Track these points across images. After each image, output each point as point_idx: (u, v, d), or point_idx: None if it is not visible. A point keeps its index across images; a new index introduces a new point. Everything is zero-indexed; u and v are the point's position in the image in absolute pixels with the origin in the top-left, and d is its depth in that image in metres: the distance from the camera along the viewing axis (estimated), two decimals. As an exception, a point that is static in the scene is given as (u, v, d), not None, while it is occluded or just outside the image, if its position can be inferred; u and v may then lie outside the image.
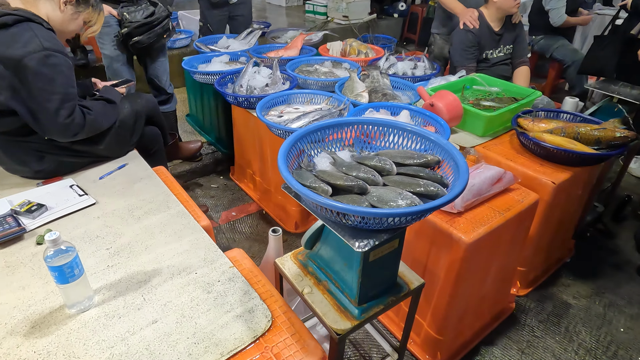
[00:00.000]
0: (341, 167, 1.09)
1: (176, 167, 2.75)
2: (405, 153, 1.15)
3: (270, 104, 2.14)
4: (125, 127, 1.73)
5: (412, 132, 1.20)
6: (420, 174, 1.05)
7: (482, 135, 2.03)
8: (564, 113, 2.03)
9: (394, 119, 1.82)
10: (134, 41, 2.24)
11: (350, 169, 1.06)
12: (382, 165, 1.07)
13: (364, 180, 1.02)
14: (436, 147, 1.15)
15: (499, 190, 1.60)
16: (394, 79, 2.45)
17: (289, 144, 1.08)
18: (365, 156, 1.13)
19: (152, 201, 1.50)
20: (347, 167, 1.07)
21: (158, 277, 1.18)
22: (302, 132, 1.14)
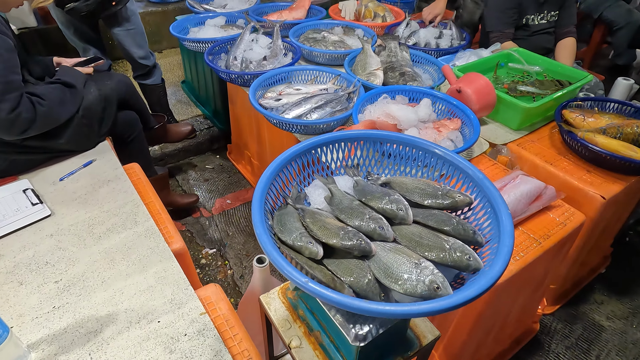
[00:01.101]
0: (339, 208, 0.82)
1: (167, 144, 2.49)
2: (425, 186, 0.86)
3: (267, 83, 1.83)
4: (91, 116, 1.45)
5: (436, 156, 0.91)
6: (445, 226, 0.77)
7: (517, 129, 1.71)
8: (616, 103, 1.68)
9: (411, 110, 1.50)
10: (68, 8, 1.87)
11: (351, 215, 0.79)
12: (394, 210, 0.79)
13: (368, 234, 0.75)
14: (467, 178, 0.87)
15: (537, 210, 1.31)
16: (415, 52, 2.08)
17: (267, 179, 0.80)
18: (372, 191, 0.85)
19: (117, 213, 1.26)
20: (346, 212, 0.80)
21: (112, 327, 0.96)
22: (288, 155, 0.86)
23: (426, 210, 0.82)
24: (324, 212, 0.84)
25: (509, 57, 2.03)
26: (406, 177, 0.93)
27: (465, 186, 0.88)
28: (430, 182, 0.89)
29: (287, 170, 0.87)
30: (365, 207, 0.81)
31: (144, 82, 2.32)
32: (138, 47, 2.18)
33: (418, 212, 0.81)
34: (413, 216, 0.80)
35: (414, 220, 0.80)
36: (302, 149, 0.87)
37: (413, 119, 1.48)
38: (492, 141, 1.65)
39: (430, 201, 0.82)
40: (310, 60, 2.18)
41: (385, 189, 0.86)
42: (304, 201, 0.89)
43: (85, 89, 1.45)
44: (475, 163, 1.52)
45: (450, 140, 1.51)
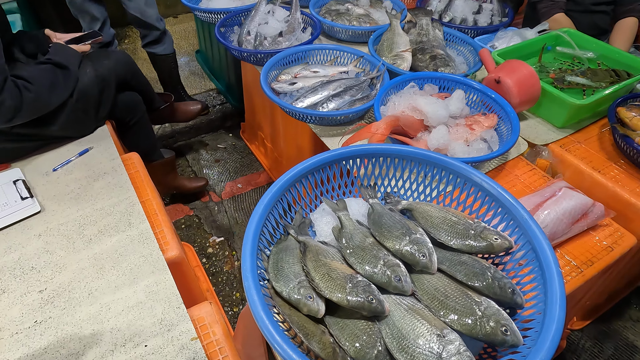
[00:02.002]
0: (349, 247, 0.68)
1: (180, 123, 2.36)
2: (454, 221, 0.71)
3: (282, 63, 1.66)
4: (87, 100, 1.33)
5: (470, 182, 0.75)
6: (477, 281, 0.63)
7: (562, 127, 1.50)
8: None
9: (441, 104, 1.32)
10: None
11: (363, 258, 0.65)
12: (414, 256, 0.65)
13: (382, 285, 0.62)
14: (507, 215, 0.71)
15: (580, 231, 1.14)
16: (449, 30, 1.85)
17: (264, 209, 0.67)
18: (390, 225, 0.71)
19: (111, 212, 1.16)
20: (357, 254, 0.66)
21: (95, 349, 0.88)
22: (290, 177, 0.72)
23: (453, 254, 0.68)
24: (331, 248, 0.70)
25: (557, 40, 1.78)
26: (431, 204, 0.78)
27: (504, 223, 0.72)
28: (461, 214, 0.74)
29: (291, 193, 0.73)
30: (381, 248, 0.67)
31: (154, 51, 2.17)
32: (148, 5, 2.01)
33: (444, 257, 0.67)
34: (439, 262, 0.65)
35: (440, 267, 0.65)
36: (307, 168, 0.73)
37: (443, 115, 1.30)
38: (532, 140, 1.45)
39: (460, 242, 0.67)
40: (332, 36, 1.98)
41: (405, 222, 0.72)
42: (308, 228, 0.75)
43: (80, 69, 1.32)
44: (511, 168, 1.35)
45: (484, 140, 1.33)
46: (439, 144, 1.26)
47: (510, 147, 1.25)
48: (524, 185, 1.29)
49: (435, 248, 0.69)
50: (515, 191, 1.27)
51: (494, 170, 1.34)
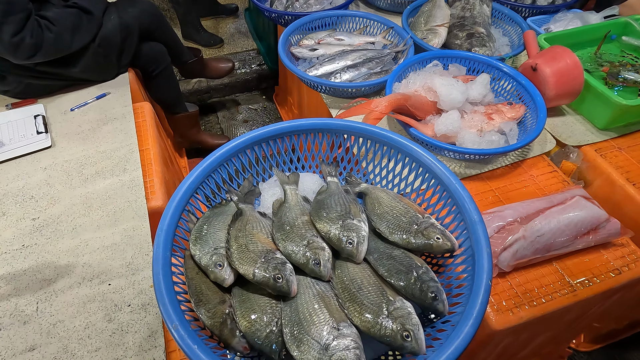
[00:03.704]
0: (279, 222, 0.66)
1: (216, 79, 2.40)
2: (402, 212, 0.66)
3: (308, 28, 1.60)
4: (109, 46, 1.38)
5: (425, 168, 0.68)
6: (398, 280, 0.58)
7: (603, 129, 1.32)
8: None
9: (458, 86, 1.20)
10: None
11: (287, 236, 0.63)
12: (341, 241, 0.61)
13: (300, 266, 0.59)
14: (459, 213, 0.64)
15: (587, 246, 1.01)
16: (498, 6, 1.66)
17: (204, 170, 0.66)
18: (332, 206, 0.67)
19: (111, 156, 1.22)
20: (283, 230, 0.64)
21: (66, 279, 0.95)
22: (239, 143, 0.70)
23: (388, 246, 0.63)
24: (266, 220, 0.68)
25: (625, 27, 1.54)
26: (387, 191, 0.72)
27: (455, 223, 0.65)
28: (413, 206, 0.68)
29: (240, 159, 0.72)
30: (311, 229, 0.64)
31: None
32: None
33: (376, 248, 0.62)
34: (368, 253, 0.61)
35: (369, 257, 0.61)
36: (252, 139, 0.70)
37: (457, 99, 1.19)
38: (563, 139, 1.30)
39: (399, 236, 0.62)
40: (371, 4, 1.87)
41: (350, 206, 0.67)
42: (255, 200, 0.74)
43: (105, 15, 1.37)
44: (528, 166, 1.22)
45: (501, 133, 1.20)
46: (447, 130, 1.16)
47: (526, 143, 1.13)
48: (537, 187, 1.17)
49: (374, 238, 0.64)
50: (523, 193, 1.15)
51: (508, 167, 1.22)
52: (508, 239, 0.96)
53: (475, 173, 1.20)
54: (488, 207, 1.13)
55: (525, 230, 0.97)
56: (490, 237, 0.99)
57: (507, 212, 1.02)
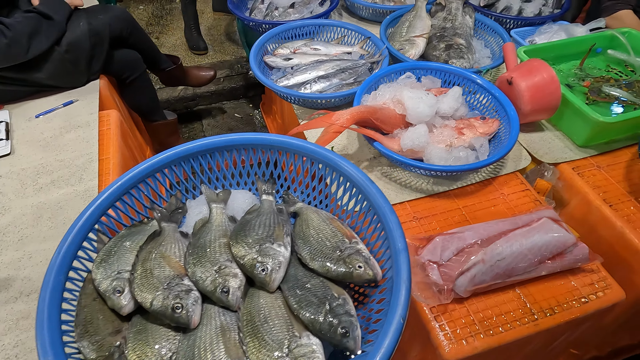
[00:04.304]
0: (197, 241, 0.62)
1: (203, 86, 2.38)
2: (329, 236, 0.62)
3: (284, 37, 1.57)
4: (77, 52, 1.36)
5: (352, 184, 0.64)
6: (308, 313, 0.53)
7: (583, 146, 1.26)
8: None
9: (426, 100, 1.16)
10: None
11: (199, 260, 0.59)
12: (254, 268, 0.57)
13: (207, 293, 0.55)
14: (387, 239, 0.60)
15: (552, 271, 0.96)
16: (482, 18, 1.62)
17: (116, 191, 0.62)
18: (255, 227, 0.63)
19: (69, 165, 1.19)
20: (197, 253, 0.60)
21: (3, 293, 0.92)
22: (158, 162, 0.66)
23: (307, 274, 0.58)
24: (184, 243, 0.64)
25: (610, 41, 1.49)
26: (319, 212, 0.68)
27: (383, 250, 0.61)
28: (343, 229, 0.64)
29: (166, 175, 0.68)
30: (226, 252, 0.60)
31: None
32: None
33: (294, 275, 0.58)
34: (284, 280, 0.57)
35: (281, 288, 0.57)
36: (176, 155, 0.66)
37: (425, 113, 1.15)
38: (539, 156, 1.24)
39: (319, 263, 0.58)
40: (354, 13, 1.84)
41: (276, 228, 0.63)
42: (181, 218, 0.70)
43: (73, 22, 1.35)
44: (500, 184, 1.17)
45: (472, 149, 1.15)
46: (413, 145, 1.12)
47: (495, 160, 1.08)
48: (507, 207, 1.12)
49: (295, 264, 0.60)
50: (492, 212, 1.10)
51: (479, 184, 1.17)
52: (466, 263, 0.91)
53: (444, 190, 1.15)
54: (453, 226, 1.07)
55: (485, 253, 0.91)
56: (449, 259, 0.94)
57: (468, 233, 0.96)
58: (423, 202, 1.12)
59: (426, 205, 1.12)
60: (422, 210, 1.11)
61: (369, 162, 1.22)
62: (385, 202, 0.60)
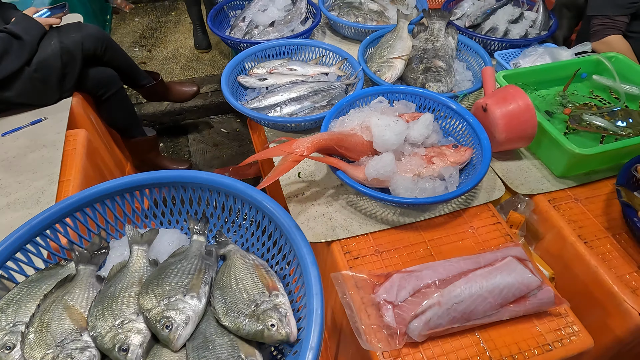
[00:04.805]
0: (107, 289, 0.58)
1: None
2: (246, 287, 0.57)
3: (262, 56, 1.54)
4: (47, 70, 1.35)
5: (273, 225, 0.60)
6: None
7: (561, 176, 1.21)
8: None
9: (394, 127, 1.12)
10: None
11: (104, 312, 0.55)
12: (156, 324, 0.53)
13: (105, 351, 0.51)
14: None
15: (514, 316, 0.90)
16: (464, 39, 1.58)
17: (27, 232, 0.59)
18: (171, 274, 0.59)
19: (28, 187, 1.17)
20: (103, 304, 0.56)
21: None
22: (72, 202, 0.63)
23: (218, 330, 0.54)
24: (96, 290, 0.60)
25: (597, 66, 1.44)
26: (246, 257, 0.64)
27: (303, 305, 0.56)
28: (266, 278, 0.59)
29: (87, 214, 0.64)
30: (134, 303, 0.56)
31: None
32: None
33: (205, 331, 0.54)
34: (192, 337, 0.53)
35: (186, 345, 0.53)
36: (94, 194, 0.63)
37: (390, 141, 1.10)
38: (514, 187, 1.19)
39: (231, 319, 0.54)
40: (337, 32, 1.81)
41: (191, 276, 0.59)
42: (104, 260, 0.66)
43: (45, 40, 1.34)
44: (470, 216, 1.12)
45: (441, 179, 1.11)
46: (378, 174, 1.07)
47: (463, 192, 1.03)
48: (476, 241, 1.06)
49: (208, 318, 0.56)
50: (458, 247, 1.05)
51: (447, 216, 1.12)
52: (421, 305, 0.86)
53: (410, 221, 1.10)
54: (417, 261, 1.02)
55: (441, 295, 0.86)
56: (403, 300, 0.89)
57: (426, 272, 0.92)
58: (387, 234, 1.08)
59: (390, 237, 1.07)
60: (385, 243, 1.06)
61: (335, 189, 1.18)
62: (308, 253, 0.56)
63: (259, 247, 0.67)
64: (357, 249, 1.05)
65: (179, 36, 2.91)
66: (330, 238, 1.06)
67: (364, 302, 0.92)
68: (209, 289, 0.58)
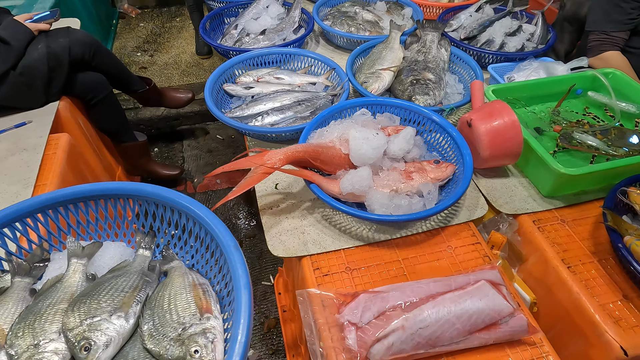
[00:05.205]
0: (34, 304, 0.56)
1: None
2: (176, 309, 0.54)
3: (250, 64, 1.53)
4: (33, 75, 1.35)
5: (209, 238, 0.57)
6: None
7: (548, 196, 1.16)
8: None
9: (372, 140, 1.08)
10: None
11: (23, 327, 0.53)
12: (77, 347, 0.50)
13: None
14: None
15: (484, 344, 0.85)
16: (456, 51, 1.54)
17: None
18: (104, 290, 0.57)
19: (4, 191, 1.16)
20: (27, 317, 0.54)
21: None
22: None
23: (142, 355, 0.51)
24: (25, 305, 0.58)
25: (593, 82, 1.39)
26: (189, 275, 0.61)
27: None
28: (202, 299, 0.57)
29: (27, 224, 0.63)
30: (59, 321, 0.53)
31: None
32: None
33: (127, 355, 0.51)
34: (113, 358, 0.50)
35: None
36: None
37: (367, 155, 1.07)
38: (499, 205, 1.14)
39: (154, 342, 0.51)
40: (331, 42, 1.79)
41: (124, 294, 0.57)
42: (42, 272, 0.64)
43: (32, 45, 1.35)
44: (449, 235, 1.08)
45: (420, 196, 1.07)
46: (353, 189, 1.04)
47: (439, 210, 0.99)
48: (452, 261, 1.02)
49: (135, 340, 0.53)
50: (434, 267, 1.01)
51: (425, 234, 1.08)
52: (384, 329, 0.82)
53: (385, 239, 1.06)
54: (388, 281, 0.99)
55: (406, 319, 0.82)
56: (367, 323, 0.85)
57: (393, 294, 0.88)
58: (360, 251, 1.04)
59: (364, 254, 1.03)
60: (357, 260, 1.02)
61: (311, 202, 1.15)
62: (243, 274, 0.53)
63: (203, 264, 0.65)
64: (327, 265, 1.01)
65: (181, 42, 2.93)
66: (301, 253, 1.03)
67: (328, 322, 0.89)
68: (140, 308, 0.55)
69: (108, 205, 0.66)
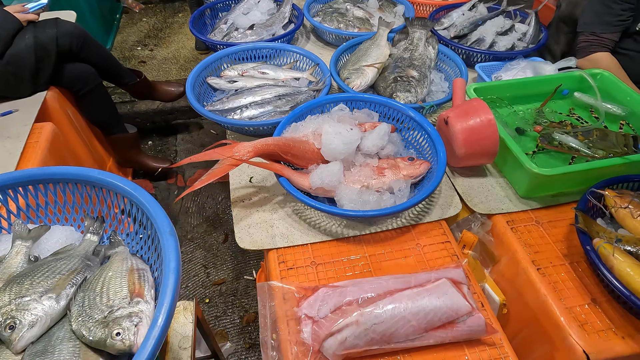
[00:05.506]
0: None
1: (180, 100, 2.39)
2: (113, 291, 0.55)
3: (236, 58, 1.53)
4: (20, 64, 1.38)
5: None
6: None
7: (525, 197, 1.14)
8: None
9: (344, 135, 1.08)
10: None
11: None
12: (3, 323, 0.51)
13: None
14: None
15: (440, 342, 0.84)
16: (445, 50, 1.52)
17: None
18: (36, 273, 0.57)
19: (-17, 177, 1.18)
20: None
21: None
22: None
23: (68, 336, 0.52)
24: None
25: (580, 83, 1.36)
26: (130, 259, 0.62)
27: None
28: (135, 283, 0.57)
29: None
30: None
31: None
32: None
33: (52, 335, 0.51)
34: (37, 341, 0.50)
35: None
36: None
37: (338, 150, 1.06)
38: (473, 205, 1.13)
39: (79, 324, 0.51)
40: (321, 38, 1.79)
41: (60, 276, 0.57)
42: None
43: (20, 35, 1.37)
44: (419, 233, 1.07)
45: (391, 192, 1.06)
46: (323, 183, 1.04)
47: (406, 208, 0.98)
48: (419, 260, 1.01)
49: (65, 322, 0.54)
50: (400, 265, 1.00)
51: (394, 231, 1.07)
52: (337, 323, 0.82)
53: (354, 234, 1.06)
54: (352, 277, 0.98)
55: (361, 314, 0.82)
56: (323, 317, 0.85)
57: (351, 289, 0.87)
58: (327, 246, 1.04)
59: (330, 249, 1.03)
60: (323, 255, 1.02)
61: (283, 196, 1.15)
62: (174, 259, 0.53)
63: (146, 250, 0.65)
64: (293, 259, 1.01)
65: (181, 37, 2.95)
66: (268, 246, 1.03)
67: (287, 315, 0.89)
68: (75, 291, 0.56)
69: (57, 190, 0.66)
